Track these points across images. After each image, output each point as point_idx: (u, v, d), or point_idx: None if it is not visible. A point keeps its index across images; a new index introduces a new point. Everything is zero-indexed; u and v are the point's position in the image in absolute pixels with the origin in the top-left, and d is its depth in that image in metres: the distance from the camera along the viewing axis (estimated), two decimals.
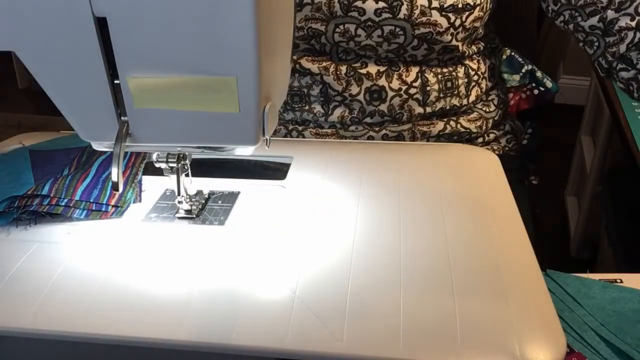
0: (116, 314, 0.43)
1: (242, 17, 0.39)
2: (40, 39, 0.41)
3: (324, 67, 0.71)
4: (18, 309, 0.43)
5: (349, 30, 0.68)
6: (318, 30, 0.69)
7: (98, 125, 0.46)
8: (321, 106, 0.73)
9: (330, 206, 0.54)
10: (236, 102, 0.43)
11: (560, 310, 0.51)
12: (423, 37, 0.68)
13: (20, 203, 0.53)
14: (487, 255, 0.48)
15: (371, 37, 0.68)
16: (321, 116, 0.73)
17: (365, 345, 0.40)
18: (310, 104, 0.73)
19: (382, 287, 0.44)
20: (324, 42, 0.70)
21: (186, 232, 0.52)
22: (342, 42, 0.69)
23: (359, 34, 0.68)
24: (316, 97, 0.73)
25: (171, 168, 0.51)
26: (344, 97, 0.72)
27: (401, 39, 0.68)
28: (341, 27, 0.68)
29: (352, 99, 0.72)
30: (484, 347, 0.39)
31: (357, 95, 0.72)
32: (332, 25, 0.68)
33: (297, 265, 0.47)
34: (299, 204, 0.56)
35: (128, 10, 0.39)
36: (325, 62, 0.72)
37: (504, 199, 0.56)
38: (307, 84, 0.72)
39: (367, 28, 0.67)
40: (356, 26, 0.68)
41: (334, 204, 0.55)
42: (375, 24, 0.67)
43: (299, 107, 0.73)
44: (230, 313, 0.42)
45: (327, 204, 0.54)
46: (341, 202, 0.55)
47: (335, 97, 0.72)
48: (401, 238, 0.50)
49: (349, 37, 0.68)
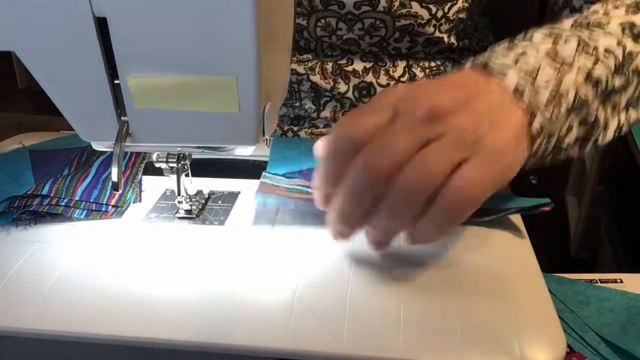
0: (116, 314, 0.43)
1: (242, 16, 0.39)
2: (40, 39, 0.41)
3: (309, 68, 0.71)
4: (18, 309, 0.43)
5: (330, 24, 0.67)
6: (300, 24, 0.68)
7: (98, 126, 0.46)
8: (312, 102, 0.72)
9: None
10: (236, 102, 0.43)
11: (561, 310, 0.51)
12: (404, 29, 0.67)
13: (20, 203, 0.53)
14: (487, 255, 0.48)
15: (352, 31, 0.67)
16: (313, 112, 0.73)
17: (365, 345, 0.40)
18: (301, 100, 0.73)
19: (382, 287, 0.44)
20: (307, 37, 0.69)
21: (186, 232, 0.52)
22: (325, 36, 0.68)
23: (340, 27, 0.67)
24: (307, 93, 0.72)
25: (171, 168, 0.51)
26: (333, 95, 0.72)
27: (382, 32, 0.67)
28: (322, 21, 0.67)
29: (341, 97, 0.72)
30: (484, 347, 0.39)
31: (346, 93, 0.71)
32: (314, 19, 0.67)
33: (297, 265, 0.47)
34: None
35: (128, 10, 0.39)
36: (310, 61, 0.71)
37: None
38: (297, 79, 0.72)
39: (347, 21, 0.67)
40: (337, 19, 0.67)
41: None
42: (355, 17, 0.66)
43: (289, 102, 0.73)
44: (230, 313, 0.42)
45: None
46: None
47: (325, 93, 0.72)
48: (401, 238, 0.50)
49: (330, 31, 0.68)
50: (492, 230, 0.51)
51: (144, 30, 0.40)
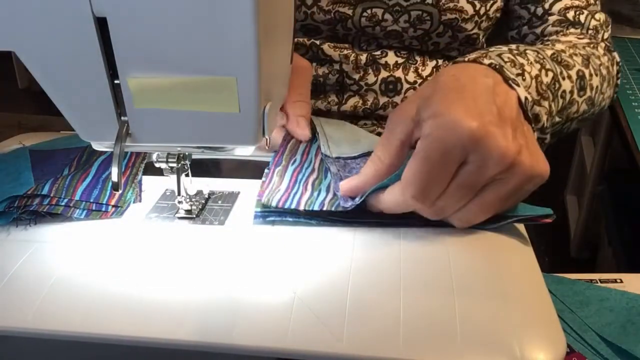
0: (116, 313, 0.43)
1: (242, 16, 0.39)
2: (40, 39, 0.41)
3: (344, 55, 0.72)
4: (18, 309, 0.43)
5: (376, 14, 0.68)
6: (345, 14, 0.69)
7: (98, 125, 0.46)
8: (336, 95, 0.73)
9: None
10: (236, 102, 0.43)
11: (561, 310, 0.51)
12: (449, 23, 0.69)
13: (20, 203, 0.53)
14: (487, 255, 0.48)
15: (398, 23, 0.68)
16: (334, 105, 0.74)
17: (365, 345, 0.40)
18: (326, 93, 0.73)
19: (382, 287, 0.44)
20: (349, 27, 0.70)
21: (186, 232, 0.52)
22: (369, 27, 0.69)
23: (386, 18, 0.69)
24: (332, 87, 0.73)
25: (171, 168, 0.51)
26: (359, 87, 0.72)
27: (427, 25, 0.69)
28: (369, 11, 0.68)
29: (367, 89, 0.72)
30: (484, 347, 0.39)
31: (373, 85, 0.72)
32: (360, 9, 0.68)
33: (297, 265, 0.47)
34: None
35: (128, 10, 0.39)
36: (346, 50, 0.72)
37: None
38: (323, 73, 0.73)
39: (394, 13, 0.68)
40: (384, 10, 0.68)
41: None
42: (402, 9, 0.68)
43: (314, 95, 0.74)
44: (230, 313, 0.42)
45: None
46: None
47: (351, 86, 0.73)
48: (401, 238, 0.50)
49: (375, 22, 0.69)
50: (492, 230, 0.51)
51: (144, 30, 0.40)
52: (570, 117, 0.63)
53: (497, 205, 0.48)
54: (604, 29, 0.75)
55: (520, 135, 0.47)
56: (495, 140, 0.44)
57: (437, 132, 0.45)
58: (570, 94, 0.61)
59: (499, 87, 0.49)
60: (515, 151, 0.45)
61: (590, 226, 1.66)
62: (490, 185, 0.47)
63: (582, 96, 0.63)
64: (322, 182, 0.56)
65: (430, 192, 0.46)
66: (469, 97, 0.46)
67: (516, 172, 0.46)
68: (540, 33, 0.75)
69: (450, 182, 0.46)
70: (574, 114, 0.63)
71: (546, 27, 0.74)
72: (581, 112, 0.65)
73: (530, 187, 0.48)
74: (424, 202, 0.47)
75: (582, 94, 0.63)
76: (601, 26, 0.74)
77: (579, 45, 0.68)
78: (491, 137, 0.44)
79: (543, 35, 0.75)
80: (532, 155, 0.47)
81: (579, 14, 0.73)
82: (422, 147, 0.45)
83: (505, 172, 0.46)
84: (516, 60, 0.55)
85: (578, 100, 0.63)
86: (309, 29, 0.72)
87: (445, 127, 0.44)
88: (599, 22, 0.74)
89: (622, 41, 1.45)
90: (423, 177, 0.45)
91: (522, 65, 0.55)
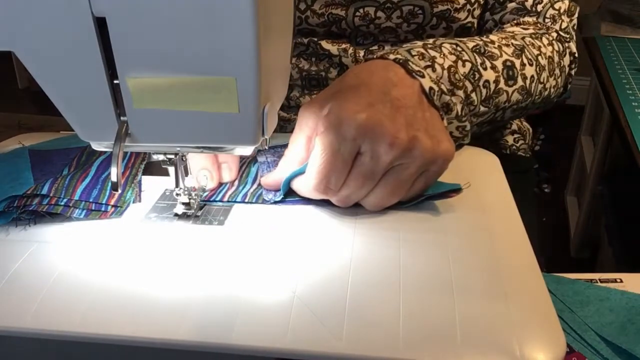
0: (116, 314, 0.43)
1: (241, 17, 0.39)
2: (40, 39, 0.41)
3: (343, 49, 0.72)
4: (17, 309, 0.43)
5: (369, 13, 0.69)
6: (338, 15, 0.70)
7: (97, 125, 0.46)
8: None
9: (330, 205, 0.54)
10: (236, 102, 0.43)
11: (560, 310, 0.51)
12: (441, 14, 0.70)
13: (19, 203, 0.53)
14: (487, 256, 0.48)
15: (391, 19, 0.69)
16: None
17: (365, 345, 0.40)
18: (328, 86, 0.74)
19: (382, 287, 0.44)
20: (344, 27, 0.71)
21: (186, 232, 0.52)
22: (363, 25, 0.70)
23: (379, 16, 0.69)
24: (333, 80, 0.73)
25: (169, 160, 0.51)
26: None
27: (420, 19, 0.69)
28: (361, 10, 0.69)
29: None
30: (484, 347, 0.39)
31: None
32: (352, 9, 0.69)
33: (296, 265, 0.47)
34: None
35: (128, 10, 0.39)
36: (344, 44, 0.72)
37: (503, 199, 0.56)
38: (324, 67, 0.73)
39: (386, 10, 0.68)
40: (375, 8, 0.69)
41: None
42: (394, 5, 0.68)
43: (317, 90, 0.74)
44: (230, 313, 0.42)
45: (327, 203, 0.54)
46: None
47: None
48: (401, 237, 0.50)
49: (369, 20, 0.69)
50: (492, 231, 0.51)
51: (144, 30, 0.40)
52: (501, 107, 0.65)
53: (403, 188, 0.51)
54: (563, 19, 0.75)
55: (421, 121, 0.51)
56: (383, 127, 0.48)
57: (329, 128, 0.49)
58: (495, 84, 0.63)
59: (400, 79, 0.53)
60: (407, 137, 0.49)
61: (590, 226, 1.66)
62: (392, 170, 0.50)
63: (512, 86, 0.64)
64: (249, 175, 0.59)
65: (330, 183, 0.50)
66: (364, 92, 0.50)
67: (415, 155, 0.49)
68: (498, 20, 0.75)
69: (349, 173, 0.49)
70: (505, 103, 0.65)
71: (504, 15, 0.74)
72: (514, 102, 0.66)
73: (435, 169, 0.51)
74: (326, 193, 0.51)
75: (512, 84, 0.64)
76: (559, 15, 0.75)
77: (516, 36, 0.69)
78: (379, 125, 0.48)
79: (501, 22, 0.75)
80: (432, 138, 0.50)
81: (537, 2, 0.74)
82: (317, 143, 0.50)
83: (403, 157, 0.49)
84: (427, 53, 0.58)
85: (507, 90, 0.64)
86: (305, 32, 0.73)
87: (335, 122, 0.49)
88: (557, 11, 0.74)
89: (622, 41, 1.45)
90: (320, 170, 0.50)
91: (433, 57, 0.58)
